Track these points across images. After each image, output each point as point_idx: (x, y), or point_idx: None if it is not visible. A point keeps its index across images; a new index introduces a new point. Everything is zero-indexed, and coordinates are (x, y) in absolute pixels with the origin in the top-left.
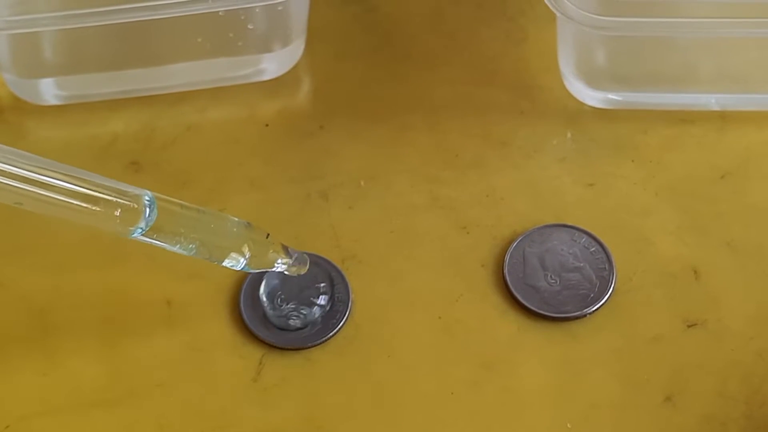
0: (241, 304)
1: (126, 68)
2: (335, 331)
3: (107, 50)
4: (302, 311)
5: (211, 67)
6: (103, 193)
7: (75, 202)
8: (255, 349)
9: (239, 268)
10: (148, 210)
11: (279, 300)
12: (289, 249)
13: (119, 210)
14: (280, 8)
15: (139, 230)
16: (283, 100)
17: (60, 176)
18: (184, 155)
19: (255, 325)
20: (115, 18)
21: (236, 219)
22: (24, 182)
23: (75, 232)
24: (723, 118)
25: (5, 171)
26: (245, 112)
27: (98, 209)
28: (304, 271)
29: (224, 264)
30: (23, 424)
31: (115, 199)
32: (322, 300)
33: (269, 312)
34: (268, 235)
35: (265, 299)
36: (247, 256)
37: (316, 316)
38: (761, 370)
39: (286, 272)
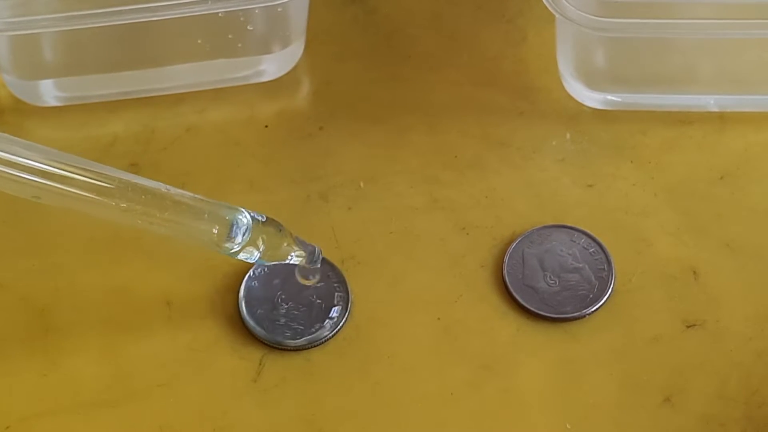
0: (241, 305)
1: (126, 69)
2: (335, 331)
3: (107, 52)
4: (301, 311)
5: (211, 68)
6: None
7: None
8: (255, 350)
9: (253, 261)
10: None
11: (279, 300)
12: (301, 242)
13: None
14: (279, 9)
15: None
16: (283, 101)
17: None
18: (183, 156)
19: (255, 326)
20: (114, 19)
21: (245, 211)
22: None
23: (75, 232)
24: (722, 119)
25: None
26: (245, 114)
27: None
28: (317, 265)
29: (239, 257)
30: (24, 424)
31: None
32: (320, 300)
33: (249, 319)
34: (282, 228)
35: (244, 307)
36: (261, 249)
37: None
38: (760, 370)
39: (300, 267)
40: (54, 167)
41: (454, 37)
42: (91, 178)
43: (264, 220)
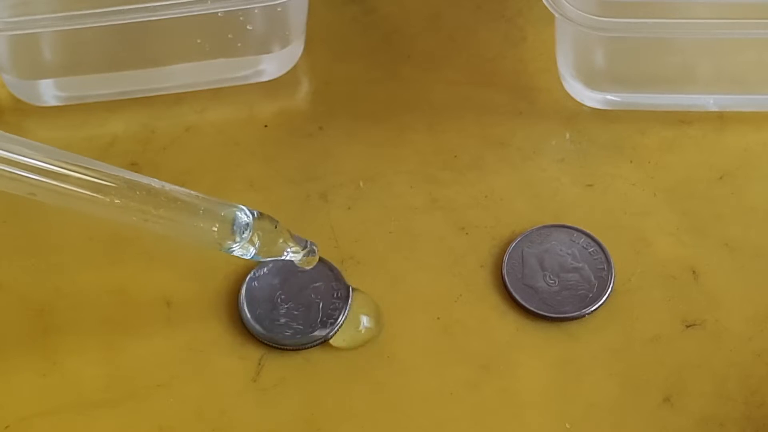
0: (241, 305)
1: (125, 69)
2: (334, 331)
3: (106, 51)
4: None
5: (210, 68)
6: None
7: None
8: (254, 350)
9: (249, 257)
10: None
11: (278, 300)
12: (297, 238)
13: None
14: (279, 9)
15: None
16: (282, 101)
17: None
18: (183, 156)
19: (255, 326)
20: (114, 19)
21: (245, 208)
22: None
23: (75, 232)
24: (721, 118)
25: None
26: (244, 113)
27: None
28: (314, 262)
29: (234, 253)
30: (23, 424)
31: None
32: (319, 300)
33: (250, 319)
34: (277, 224)
35: (246, 307)
36: (257, 245)
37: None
38: (760, 370)
39: (297, 263)
40: (48, 164)
41: (453, 36)
42: (85, 175)
43: (259, 216)
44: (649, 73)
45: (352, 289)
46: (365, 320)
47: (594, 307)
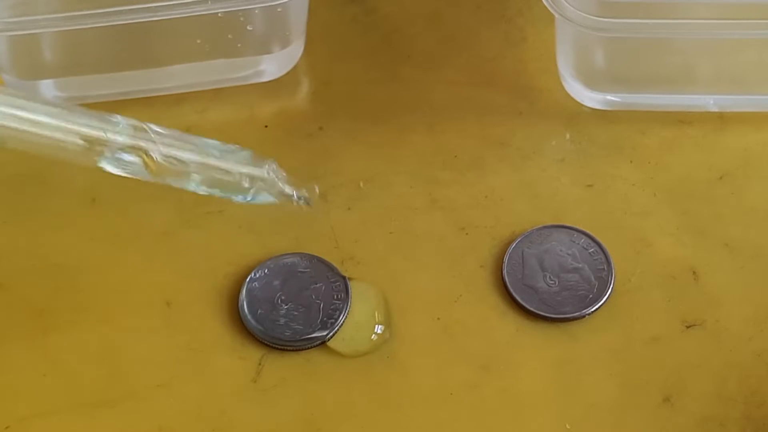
0: (241, 305)
1: (125, 70)
2: (334, 331)
3: (107, 52)
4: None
5: (211, 68)
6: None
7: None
8: (254, 350)
9: (248, 200)
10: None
11: (279, 300)
12: (291, 183)
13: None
14: (279, 10)
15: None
16: (282, 101)
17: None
18: None
19: (255, 326)
20: (114, 19)
21: (238, 148)
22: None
23: (75, 232)
24: (721, 119)
25: None
26: (244, 114)
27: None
28: (311, 203)
29: (230, 197)
30: (23, 424)
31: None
32: (319, 300)
33: (252, 321)
34: (273, 165)
35: (246, 307)
36: (252, 189)
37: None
38: (760, 370)
39: (295, 202)
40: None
41: (453, 37)
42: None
43: (252, 155)
44: (649, 73)
45: (349, 281)
46: (378, 328)
47: (594, 308)
